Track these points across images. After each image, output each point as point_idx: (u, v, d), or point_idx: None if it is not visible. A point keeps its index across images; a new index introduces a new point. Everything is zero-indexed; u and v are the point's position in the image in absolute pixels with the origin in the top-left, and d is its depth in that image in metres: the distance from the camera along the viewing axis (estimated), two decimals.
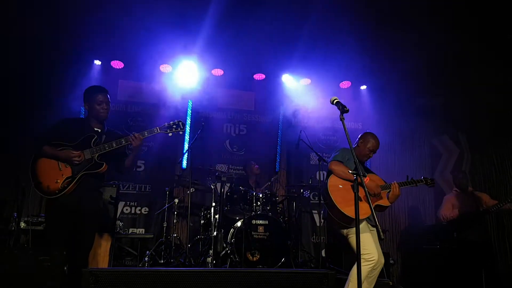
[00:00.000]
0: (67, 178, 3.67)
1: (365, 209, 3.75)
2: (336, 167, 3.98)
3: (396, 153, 8.12)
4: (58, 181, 3.65)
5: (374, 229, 3.90)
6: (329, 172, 4.07)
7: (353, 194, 3.37)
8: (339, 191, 3.91)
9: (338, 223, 3.84)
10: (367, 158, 4.35)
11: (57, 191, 3.63)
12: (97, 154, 3.76)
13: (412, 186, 4.23)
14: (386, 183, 4.14)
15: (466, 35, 5.94)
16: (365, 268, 3.63)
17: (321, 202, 6.48)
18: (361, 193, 3.78)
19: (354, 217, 3.35)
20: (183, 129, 4.07)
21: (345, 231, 3.91)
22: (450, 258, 6.08)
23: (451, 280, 5.91)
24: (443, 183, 7.97)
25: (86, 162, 3.74)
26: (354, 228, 3.61)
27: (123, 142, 3.83)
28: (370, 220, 3.94)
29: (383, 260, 3.92)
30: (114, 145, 3.80)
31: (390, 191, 4.05)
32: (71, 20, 5.98)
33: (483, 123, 7.46)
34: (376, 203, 3.92)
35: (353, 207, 3.51)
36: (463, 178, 6.39)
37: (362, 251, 3.37)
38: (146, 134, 3.95)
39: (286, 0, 5.73)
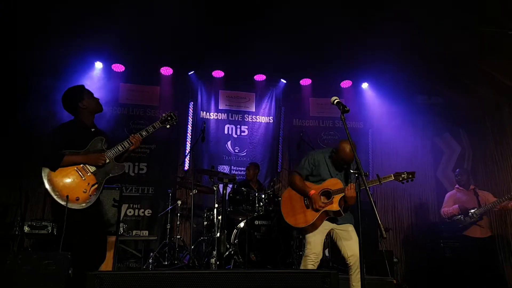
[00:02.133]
0: (93, 185, 3.53)
1: (304, 218, 3.99)
2: (292, 179, 4.21)
3: (397, 152, 8.12)
4: (85, 190, 3.49)
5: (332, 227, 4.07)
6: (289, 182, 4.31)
7: (299, 203, 4.06)
8: (290, 201, 4.15)
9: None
10: (346, 166, 4.15)
11: (88, 201, 3.47)
12: (114, 156, 3.66)
13: (377, 184, 3.96)
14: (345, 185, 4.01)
15: (467, 32, 5.94)
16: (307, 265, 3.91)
17: None
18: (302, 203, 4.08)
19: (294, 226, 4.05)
20: (176, 119, 4.04)
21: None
22: (454, 255, 6.09)
23: (455, 278, 5.92)
24: (445, 181, 7.97)
25: (107, 166, 3.62)
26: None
27: (127, 145, 3.71)
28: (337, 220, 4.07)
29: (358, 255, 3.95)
30: (122, 147, 3.69)
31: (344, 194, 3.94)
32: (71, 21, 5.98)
33: (485, 120, 7.46)
34: (324, 209, 3.95)
35: (295, 217, 4.06)
36: (465, 175, 6.41)
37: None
38: (144, 134, 3.81)
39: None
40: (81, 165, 3.54)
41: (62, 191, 3.40)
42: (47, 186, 3.38)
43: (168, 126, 4.01)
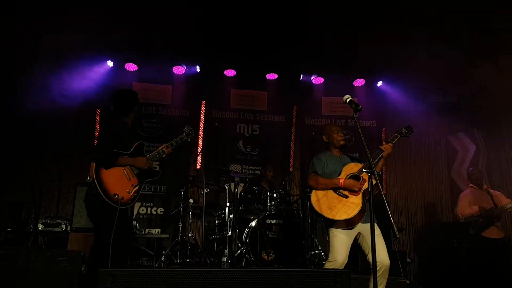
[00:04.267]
0: (134, 186, 3.75)
1: (346, 209, 3.77)
2: (314, 182, 4.03)
3: (411, 150, 8.05)
4: (129, 191, 3.69)
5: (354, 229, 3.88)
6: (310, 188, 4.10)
7: (333, 198, 3.82)
8: (325, 199, 3.94)
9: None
10: (343, 140, 4.19)
11: (129, 201, 3.68)
12: (152, 162, 3.97)
13: (380, 157, 3.89)
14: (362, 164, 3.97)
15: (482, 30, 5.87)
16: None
17: None
18: (337, 196, 3.86)
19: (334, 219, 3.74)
20: (193, 134, 4.60)
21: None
22: (468, 256, 6.01)
23: (469, 279, 5.84)
24: (460, 180, 7.88)
25: (146, 170, 3.90)
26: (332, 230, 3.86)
27: (162, 153, 4.09)
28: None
29: (386, 262, 3.84)
30: (157, 155, 4.05)
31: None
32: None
33: (499, 120, 7.36)
34: (363, 189, 3.81)
35: (335, 210, 3.79)
36: (479, 174, 6.31)
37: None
38: (174, 144, 4.26)
39: None
40: (128, 166, 3.76)
41: (110, 189, 3.55)
42: (96, 182, 3.50)
43: (189, 140, 4.54)
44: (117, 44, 6.86)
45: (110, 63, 7.36)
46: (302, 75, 7.98)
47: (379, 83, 8.11)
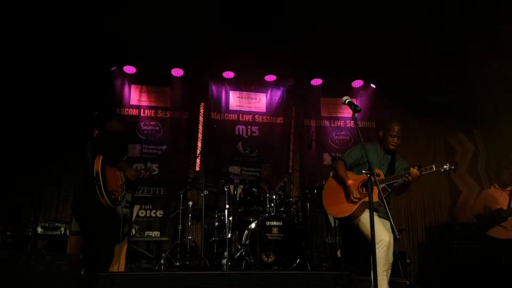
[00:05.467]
0: (122, 191, 4.05)
1: (344, 208, 3.89)
2: (335, 168, 4.10)
3: (410, 151, 8.06)
4: (119, 193, 3.99)
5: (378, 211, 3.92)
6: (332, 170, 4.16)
7: (340, 193, 3.94)
8: (333, 191, 4.05)
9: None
10: (394, 147, 4.03)
11: (117, 202, 3.95)
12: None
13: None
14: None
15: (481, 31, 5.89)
16: (379, 252, 3.61)
17: None
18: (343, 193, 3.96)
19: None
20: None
21: (354, 223, 3.95)
22: (470, 256, 6.00)
23: (470, 280, 5.83)
24: (459, 180, 7.88)
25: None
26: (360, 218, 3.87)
27: (139, 174, 4.42)
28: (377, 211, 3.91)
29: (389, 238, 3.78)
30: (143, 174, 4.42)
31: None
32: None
33: (498, 120, 7.37)
34: (362, 201, 3.85)
35: (337, 206, 3.96)
36: (507, 175, 6.24)
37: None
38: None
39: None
40: (122, 172, 4.11)
41: (109, 186, 3.83)
42: (100, 175, 3.77)
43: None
44: (115, 46, 6.86)
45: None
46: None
47: (375, 85, 8.08)
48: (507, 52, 6.10)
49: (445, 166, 3.66)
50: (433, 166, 3.68)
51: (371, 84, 8.14)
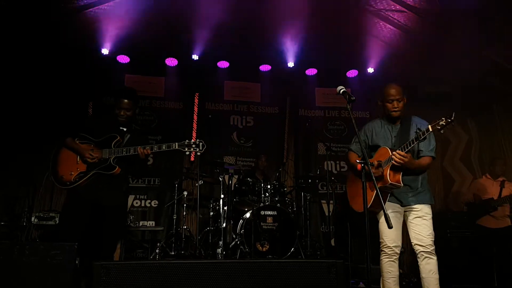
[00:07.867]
0: (81, 172, 3.83)
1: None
2: (348, 160, 3.87)
3: None
4: (72, 173, 3.83)
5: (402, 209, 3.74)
6: None
7: (356, 184, 3.57)
8: (353, 183, 3.78)
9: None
10: (396, 112, 3.80)
11: (68, 183, 3.81)
12: (113, 157, 3.90)
13: (421, 141, 3.47)
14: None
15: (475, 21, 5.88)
16: (382, 260, 3.59)
17: (329, 192, 6.50)
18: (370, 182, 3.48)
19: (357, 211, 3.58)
20: (202, 150, 4.06)
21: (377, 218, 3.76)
22: (462, 246, 6.04)
23: (464, 269, 5.86)
24: (453, 170, 7.92)
25: (102, 161, 3.88)
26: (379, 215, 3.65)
27: (132, 152, 3.91)
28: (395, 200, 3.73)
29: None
30: (126, 152, 3.90)
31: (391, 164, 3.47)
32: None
33: (492, 109, 7.39)
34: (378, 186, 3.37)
35: (356, 199, 3.67)
36: (501, 166, 6.27)
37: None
38: (155, 149, 4.00)
39: None
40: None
41: (56, 165, 3.91)
42: (51, 159, 3.94)
43: (187, 153, 4.10)
44: (108, 35, 6.81)
45: (105, 51, 7.15)
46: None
47: (370, 70, 7.98)
48: (502, 41, 6.10)
49: (441, 123, 3.40)
50: (429, 126, 3.46)
51: (366, 74, 8.11)
